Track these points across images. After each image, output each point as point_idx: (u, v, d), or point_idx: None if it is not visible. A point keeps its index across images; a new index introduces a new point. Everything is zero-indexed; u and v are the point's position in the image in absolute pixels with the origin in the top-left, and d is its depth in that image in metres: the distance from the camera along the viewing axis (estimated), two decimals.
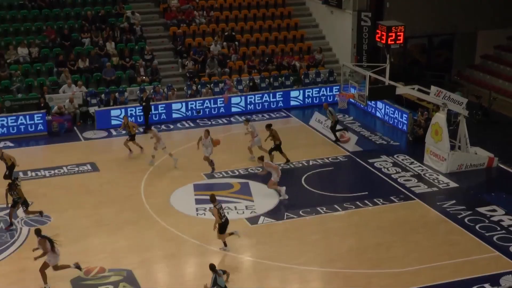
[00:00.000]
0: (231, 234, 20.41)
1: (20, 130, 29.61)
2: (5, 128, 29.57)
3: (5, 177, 24.31)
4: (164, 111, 31.76)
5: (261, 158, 24.01)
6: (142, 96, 31.03)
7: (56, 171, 26.10)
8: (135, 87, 32.83)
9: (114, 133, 30.13)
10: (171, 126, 31.14)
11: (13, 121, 29.65)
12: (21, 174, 25.47)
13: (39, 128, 30.01)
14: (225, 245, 20.41)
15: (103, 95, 32.14)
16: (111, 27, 35.45)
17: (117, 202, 23.48)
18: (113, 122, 30.76)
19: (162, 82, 33.75)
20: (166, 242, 21.00)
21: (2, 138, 29.24)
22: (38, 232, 18.72)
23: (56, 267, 18.57)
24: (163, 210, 22.59)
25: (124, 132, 28.32)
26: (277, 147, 26.51)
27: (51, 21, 35.23)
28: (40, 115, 30.07)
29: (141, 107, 30.60)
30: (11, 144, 28.79)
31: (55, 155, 27.86)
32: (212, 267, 17.11)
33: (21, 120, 29.78)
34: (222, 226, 20.19)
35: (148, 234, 21.41)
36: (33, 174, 25.78)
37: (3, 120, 29.56)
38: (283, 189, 23.85)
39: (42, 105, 30.72)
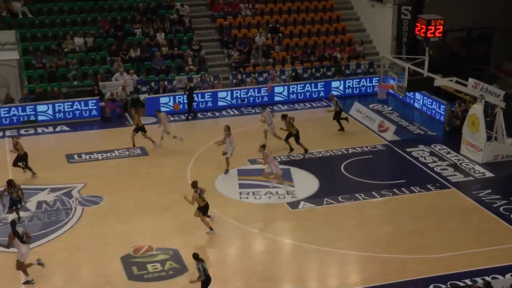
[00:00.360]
0: (208, 217, 20.47)
1: (75, 115, 30.05)
2: (61, 113, 30.01)
3: (15, 165, 24.02)
4: (211, 99, 31.88)
5: (262, 147, 23.59)
6: (186, 86, 31.21)
7: (108, 154, 26.42)
8: (183, 75, 33.02)
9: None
10: (217, 114, 31.25)
11: (69, 106, 30.09)
12: (75, 157, 25.89)
13: (92, 113, 30.41)
14: (211, 229, 20.41)
15: (153, 83, 32.40)
16: (161, 18, 35.65)
17: (164, 185, 23.67)
18: (162, 109, 30.94)
19: (209, 71, 33.86)
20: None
21: (58, 122, 29.71)
22: (12, 223, 18.16)
23: (21, 264, 17.91)
24: (208, 194, 22.66)
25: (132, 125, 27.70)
26: (295, 137, 26.06)
27: (105, 13, 35.59)
28: (94, 101, 30.47)
29: (186, 95, 30.80)
30: (66, 128, 29.24)
31: (107, 139, 28.19)
32: (195, 256, 16.67)
33: (77, 105, 30.20)
34: (204, 209, 20.22)
35: (192, 216, 21.54)
36: (87, 157, 26.14)
37: (60, 106, 30.02)
38: (284, 185, 23.35)
39: (96, 92, 31.10)
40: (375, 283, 17.78)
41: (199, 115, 30.58)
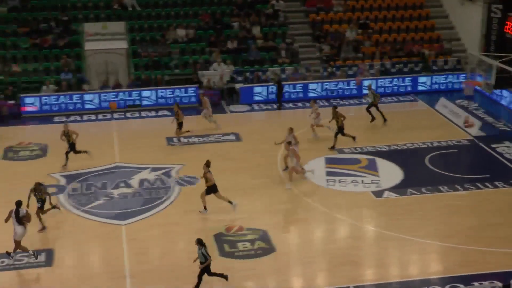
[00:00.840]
0: (230, 203, 20.45)
1: (176, 101, 30.60)
2: (163, 99, 30.70)
3: (74, 152, 23.72)
4: (302, 90, 31.87)
5: (289, 143, 22.92)
6: (274, 78, 31.26)
7: (204, 138, 26.84)
8: (276, 67, 33.11)
9: (256, 107, 30.61)
10: (307, 104, 31.17)
11: (170, 93, 30.73)
12: (175, 140, 26.44)
13: (191, 100, 30.95)
14: (205, 208, 20.40)
15: (247, 74, 32.64)
16: (257, 12, 35.81)
17: (255, 169, 23.83)
18: (256, 98, 31.25)
19: (301, 64, 33.82)
20: (297, 208, 21.20)
21: (160, 107, 30.42)
22: (17, 203, 17.92)
23: (16, 243, 17.78)
24: (296, 179, 22.73)
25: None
26: (339, 129, 25.45)
27: (206, 6, 36.03)
28: (193, 89, 30.99)
29: (276, 86, 30.89)
30: (167, 113, 29.86)
31: (204, 124, 28.60)
32: (199, 241, 16.29)
33: (177, 92, 30.82)
34: (210, 188, 20.21)
35: (282, 199, 21.67)
36: (185, 140, 26.63)
37: (162, 92, 30.71)
38: (308, 173, 22.90)
39: (195, 80, 31.62)
40: (456, 273, 17.36)
41: (290, 105, 30.59)
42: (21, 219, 17.69)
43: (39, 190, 19.60)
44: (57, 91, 30.37)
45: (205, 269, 16.44)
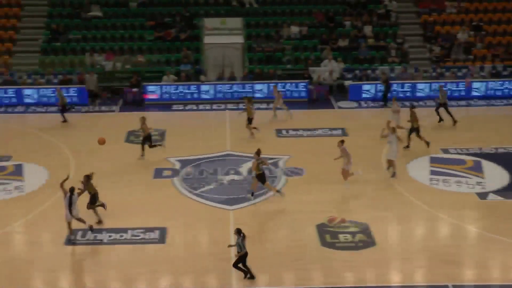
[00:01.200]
0: (278, 192, 20.68)
1: (286, 95, 30.76)
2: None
3: (150, 146, 23.61)
4: (410, 89, 31.11)
5: (341, 141, 22.02)
6: (382, 76, 30.65)
7: (312, 132, 26.78)
8: (385, 66, 32.50)
9: (364, 104, 30.20)
10: (415, 104, 30.28)
11: (281, 87, 30.86)
12: (283, 132, 26.54)
13: (301, 94, 30.95)
14: (252, 194, 20.60)
15: (357, 71, 32.25)
16: (369, 12, 35.27)
17: (359, 164, 23.45)
18: (364, 96, 30.82)
19: (410, 63, 33.03)
20: (400, 204, 20.74)
21: (271, 100, 30.54)
22: (71, 189, 18.16)
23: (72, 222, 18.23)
24: (400, 176, 22.26)
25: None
26: (416, 130, 24.42)
27: (320, 5, 35.89)
28: (304, 84, 30.98)
29: (383, 85, 30.31)
30: (277, 106, 29.98)
31: (312, 118, 28.57)
32: (238, 231, 16.21)
33: (288, 86, 30.91)
34: (259, 177, 20.30)
35: (384, 195, 21.29)
36: (294, 132, 26.68)
37: (272, 86, 30.85)
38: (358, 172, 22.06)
39: (305, 75, 31.60)
40: None
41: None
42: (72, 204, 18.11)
43: (86, 184, 19.38)
44: (176, 81, 31.24)
45: (241, 259, 16.27)
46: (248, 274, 16.38)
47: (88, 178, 19.33)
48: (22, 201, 20.76)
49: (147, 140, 23.69)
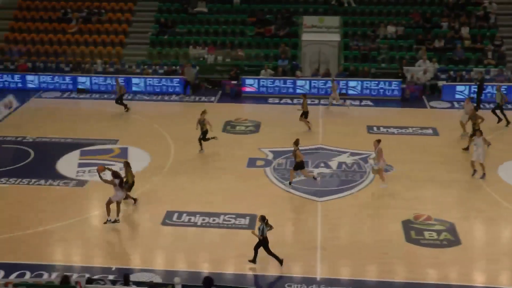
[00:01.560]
0: (314, 179, 20.92)
1: (379, 93, 30.25)
2: (368, 90, 30.39)
3: (204, 139, 23.39)
4: (505, 92, 29.64)
5: (378, 140, 21.03)
6: (477, 77, 29.50)
7: (402, 130, 26.21)
8: (480, 68, 31.27)
9: (456, 105, 29.20)
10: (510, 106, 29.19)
11: (375, 85, 30.38)
12: (374, 128, 26.16)
13: (394, 93, 30.32)
14: (290, 183, 20.82)
15: (451, 72, 31.24)
16: (467, 14, 34.04)
17: (450, 163, 22.83)
18: (457, 96, 29.81)
19: (507, 66, 31.63)
20: (488, 205, 19.94)
21: (364, 97, 30.22)
22: (114, 174, 18.33)
23: (115, 203, 18.32)
24: (489, 178, 21.43)
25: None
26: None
27: (417, 6, 35.03)
28: (397, 82, 30.34)
29: (476, 86, 29.16)
30: (370, 103, 29.62)
31: (404, 117, 27.96)
32: (262, 218, 16.23)
33: (381, 85, 30.37)
34: (298, 165, 20.61)
35: (472, 196, 20.58)
36: (384, 130, 26.20)
37: (368, 83, 30.41)
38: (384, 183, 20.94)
39: (399, 75, 30.93)
40: None
41: (491, 105, 28.82)
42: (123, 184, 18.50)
43: (127, 170, 19.59)
44: (273, 75, 31.40)
45: (261, 244, 16.31)
46: (254, 259, 16.48)
47: (128, 165, 19.69)
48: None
49: (205, 134, 23.47)
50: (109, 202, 18.32)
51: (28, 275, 16.04)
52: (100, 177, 18.46)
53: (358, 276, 16.25)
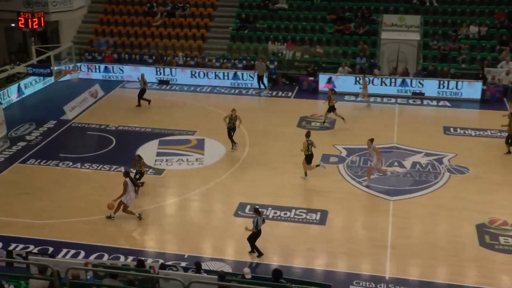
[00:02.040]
0: (317, 166, 20.95)
1: (458, 94, 29.36)
2: (446, 90, 29.58)
3: (230, 136, 23.14)
4: None
5: (371, 140, 20.63)
6: None
7: (481, 132, 25.33)
8: None
9: None
10: None
11: (453, 85, 29.50)
12: (451, 130, 25.42)
13: (474, 94, 29.33)
14: (306, 174, 20.90)
15: None
16: None
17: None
18: None
19: None
20: None
21: (442, 98, 29.41)
22: (126, 173, 18.23)
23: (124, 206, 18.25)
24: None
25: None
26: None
27: (503, 5, 33.72)
28: (478, 83, 29.34)
29: None
30: (448, 104, 28.81)
31: (483, 119, 27.05)
32: (256, 210, 16.43)
33: (460, 85, 29.46)
34: (308, 158, 20.63)
35: None
36: (462, 131, 25.41)
37: (445, 84, 29.57)
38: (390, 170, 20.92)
39: (480, 76, 29.89)
40: None
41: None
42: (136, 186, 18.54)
43: (139, 163, 20.06)
44: (350, 73, 31.02)
45: (254, 236, 16.31)
46: (255, 251, 16.58)
47: (140, 158, 20.21)
48: (200, 173, 21.87)
49: (233, 131, 23.23)
50: (125, 207, 18.37)
51: (106, 257, 16.58)
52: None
53: (427, 278, 15.87)
